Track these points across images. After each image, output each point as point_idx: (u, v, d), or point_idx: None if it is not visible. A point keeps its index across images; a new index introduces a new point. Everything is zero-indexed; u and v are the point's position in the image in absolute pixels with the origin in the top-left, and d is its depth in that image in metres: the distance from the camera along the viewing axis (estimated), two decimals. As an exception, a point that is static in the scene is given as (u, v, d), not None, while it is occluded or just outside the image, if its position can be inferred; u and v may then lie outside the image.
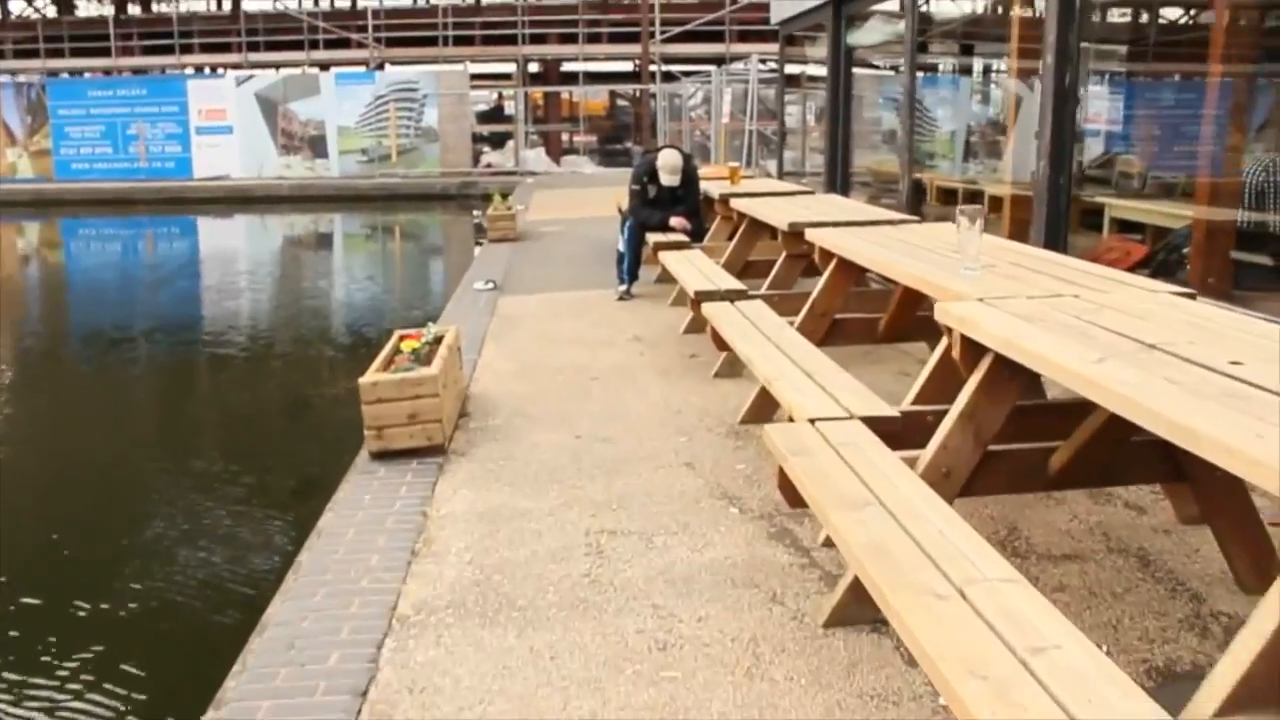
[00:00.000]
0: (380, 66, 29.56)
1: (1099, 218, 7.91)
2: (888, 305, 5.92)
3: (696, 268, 7.04)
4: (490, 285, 9.82)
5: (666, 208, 8.97)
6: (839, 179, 11.04)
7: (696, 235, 8.93)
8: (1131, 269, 6.26)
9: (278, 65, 29.14)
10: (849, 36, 10.73)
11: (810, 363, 4.31)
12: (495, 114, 35.47)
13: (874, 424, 3.53)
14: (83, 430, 8.76)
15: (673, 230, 8.88)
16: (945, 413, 3.59)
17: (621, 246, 9.19)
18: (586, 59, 31.42)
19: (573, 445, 5.21)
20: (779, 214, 6.53)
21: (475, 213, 20.67)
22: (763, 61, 15.82)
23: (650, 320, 8.21)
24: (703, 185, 9.19)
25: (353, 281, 15.39)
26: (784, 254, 6.35)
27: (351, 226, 24.16)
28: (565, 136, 34.08)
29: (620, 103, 40.14)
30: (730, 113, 17.62)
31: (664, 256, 7.59)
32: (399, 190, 25.58)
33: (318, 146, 27.02)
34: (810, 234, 5.46)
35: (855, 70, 10.89)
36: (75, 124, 27.24)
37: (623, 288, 9.12)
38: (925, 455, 3.34)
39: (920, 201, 9.01)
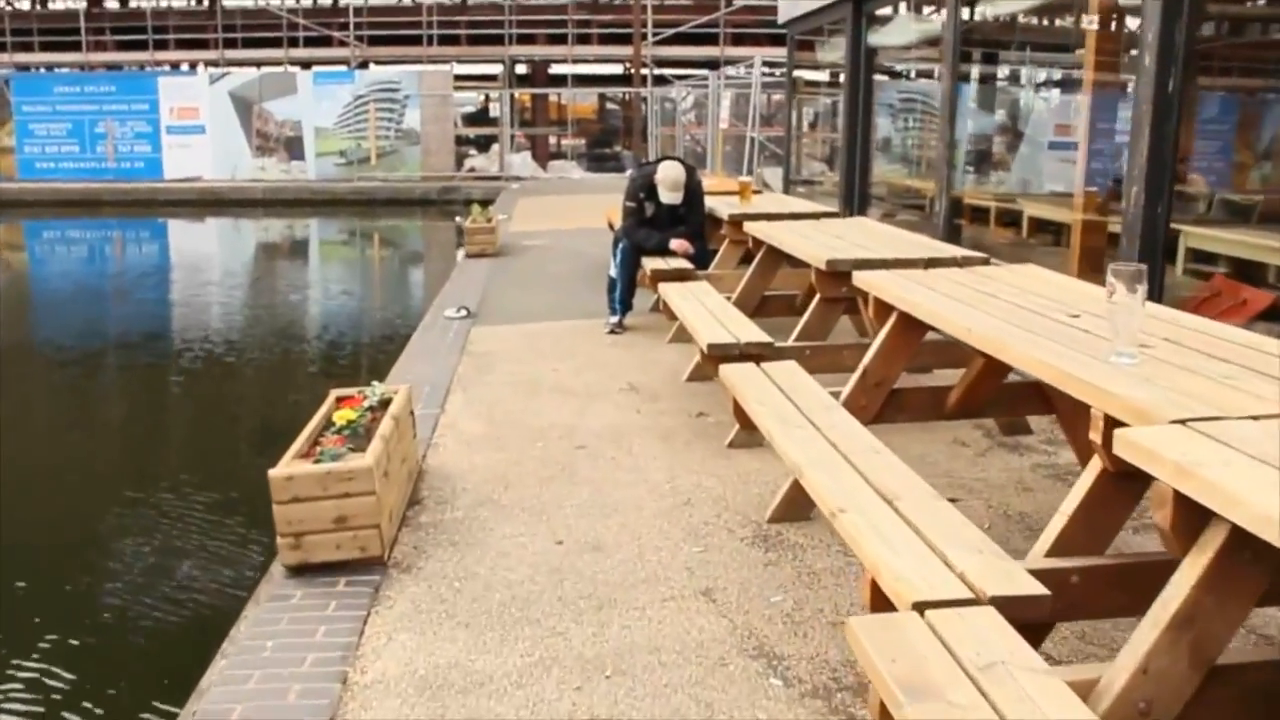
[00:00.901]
0: (364, 65, 28.25)
1: (1171, 249, 6.69)
2: (944, 358, 4.69)
3: (704, 306, 5.78)
4: (463, 313, 8.54)
5: (666, 228, 7.71)
6: (856, 195, 9.79)
7: (700, 261, 7.67)
8: (1248, 323, 5.03)
9: (256, 64, 27.76)
10: (871, 36, 9.48)
11: (886, 477, 3.05)
12: (482, 116, 34.14)
13: (1011, 608, 2.28)
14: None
15: (673, 255, 7.63)
16: (1094, 570, 2.52)
17: (613, 271, 7.93)
18: (576, 60, 30.15)
19: (552, 557, 3.94)
20: (810, 246, 5.26)
21: (457, 219, 19.40)
22: (767, 65, 14.57)
23: (647, 362, 6.95)
24: (708, 203, 7.92)
25: (321, 299, 13.71)
26: (817, 297, 5.09)
27: (326, 233, 22.82)
28: (553, 140, 32.79)
29: (610, 106, 38.87)
30: (728, 118, 16.38)
31: (664, 290, 6.33)
32: (378, 195, 24.27)
33: (294, 148, 25.69)
34: (861, 279, 4.20)
35: (877, 75, 9.65)
36: (40, 121, 25.85)
37: (614, 319, 7.86)
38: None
39: (956, 223, 7.75)
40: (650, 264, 7.44)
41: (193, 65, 28.74)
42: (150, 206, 24.18)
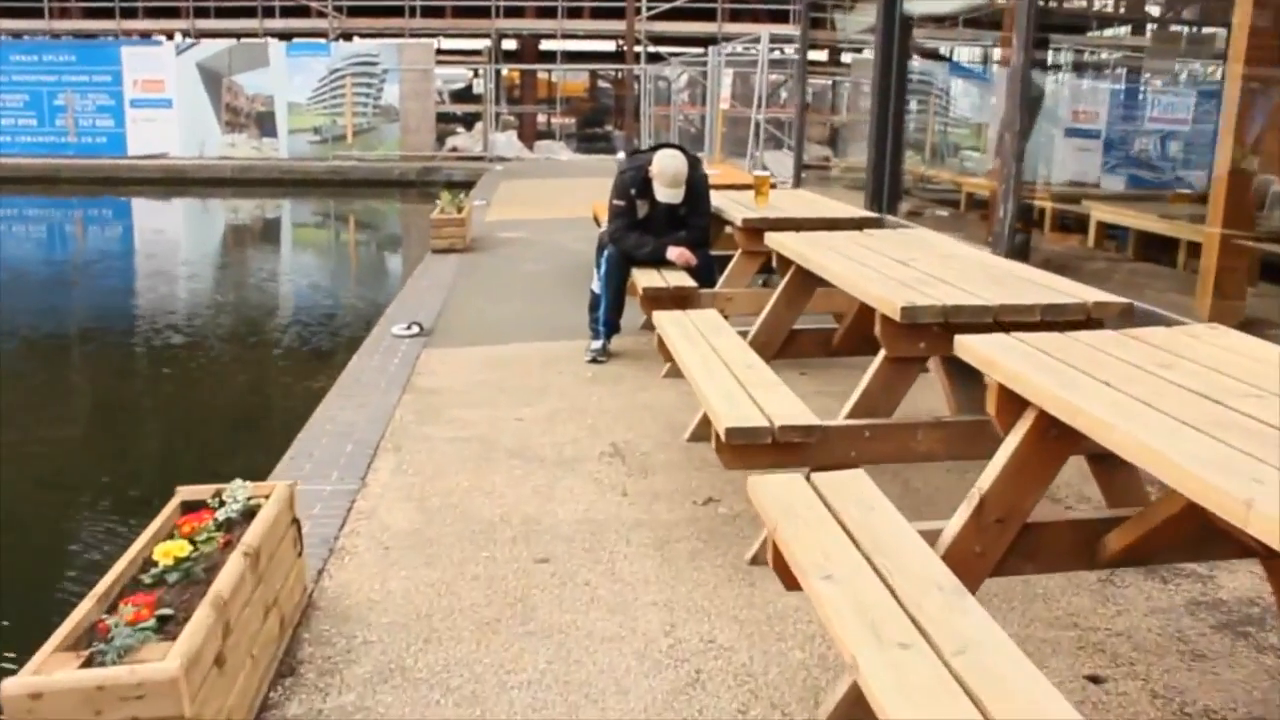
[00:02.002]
0: (348, 38, 26.48)
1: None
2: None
3: (715, 352, 4.24)
4: (414, 330, 6.97)
5: (662, 233, 6.17)
6: (885, 191, 8.23)
7: (705, 274, 6.13)
8: None
9: (229, 35, 25.97)
10: (910, 3, 7.91)
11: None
12: (470, 92, 32.43)
13: None
14: None
15: (671, 266, 6.08)
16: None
17: (597, 285, 6.37)
18: (566, 35, 28.42)
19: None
20: (870, 281, 3.70)
21: (437, 203, 17.67)
22: (773, 42, 12.96)
23: (637, 405, 5.40)
24: (714, 200, 6.36)
25: (268, 303, 11.69)
26: (881, 356, 3.53)
27: (295, 217, 21.14)
28: (541, 119, 31.09)
29: (601, 84, 37.16)
30: (729, 98, 14.78)
31: (662, 323, 4.77)
32: (353, 175, 22.57)
33: (265, 124, 23.96)
34: (975, 351, 2.66)
35: (917, 51, 8.08)
36: (-4, 92, 24.08)
37: (597, 345, 6.31)
38: None
39: (1025, 233, 6.20)
40: (642, 278, 5.89)
41: (171, 36, 26.87)
42: (111, 185, 22.46)
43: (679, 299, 5.64)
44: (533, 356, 6.44)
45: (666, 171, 5.91)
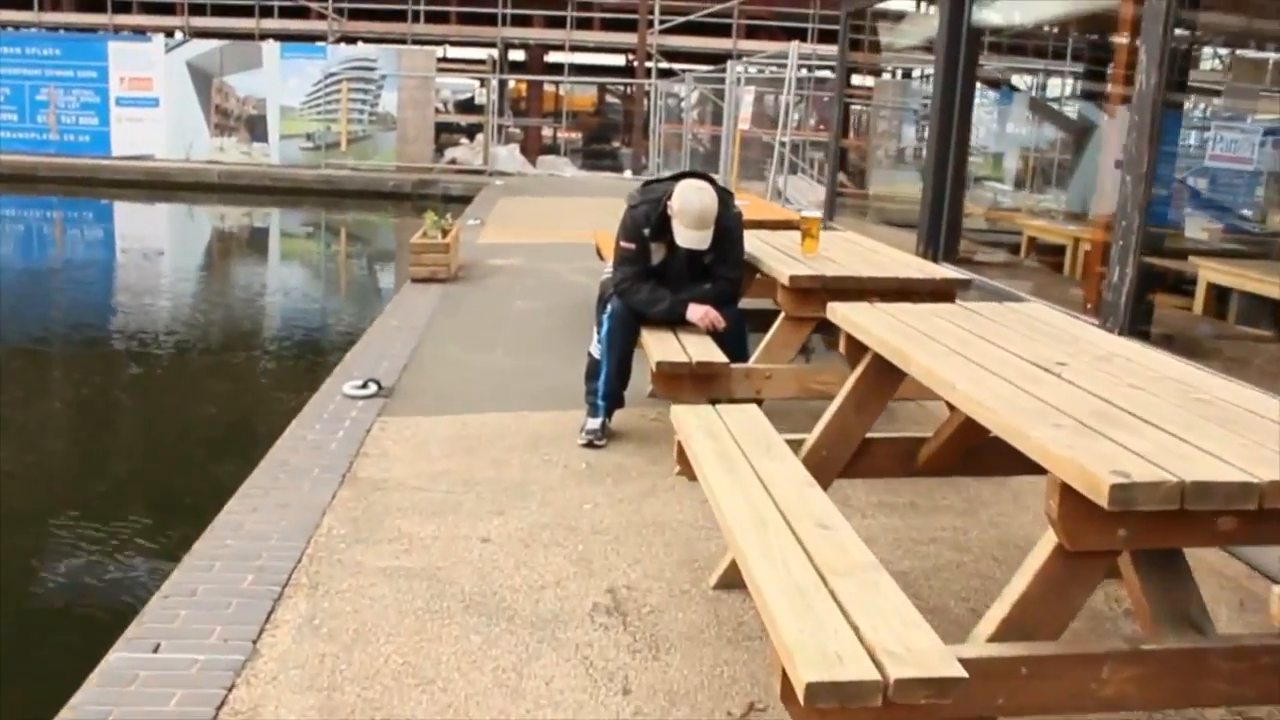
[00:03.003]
0: (351, 41, 25.10)
1: None
2: None
3: (763, 484, 2.88)
4: (370, 389, 5.60)
5: (681, 285, 4.82)
6: (943, 234, 6.89)
7: (735, 341, 4.78)
8: None
9: (224, 35, 24.63)
10: (980, 11, 6.58)
11: None
12: (472, 104, 31.13)
13: None
14: None
15: (692, 329, 4.73)
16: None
17: (597, 349, 5.01)
18: (574, 47, 27.11)
19: None
20: (1022, 411, 2.34)
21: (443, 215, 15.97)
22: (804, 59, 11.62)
23: (644, 522, 4.04)
24: (747, 244, 4.99)
25: (223, 340, 9.79)
26: (1053, 546, 2.15)
27: (279, 230, 19.68)
28: (546, 133, 29.78)
29: (609, 100, 35.90)
30: (748, 117, 13.46)
31: (684, 422, 3.41)
32: (346, 185, 21.21)
33: (256, 128, 22.63)
34: None
35: (983, 66, 6.75)
36: (-24, 85, 22.75)
37: (595, 424, 4.94)
38: None
39: (1149, 304, 4.83)
40: (655, 345, 4.53)
41: (170, 33, 25.44)
42: (91, 186, 21.10)
43: (703, 378, 4.29)
44: (513, 433, 5.07)
45: (691, 209, 4.55)
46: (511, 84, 28.81)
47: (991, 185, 8.68)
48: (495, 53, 26.17)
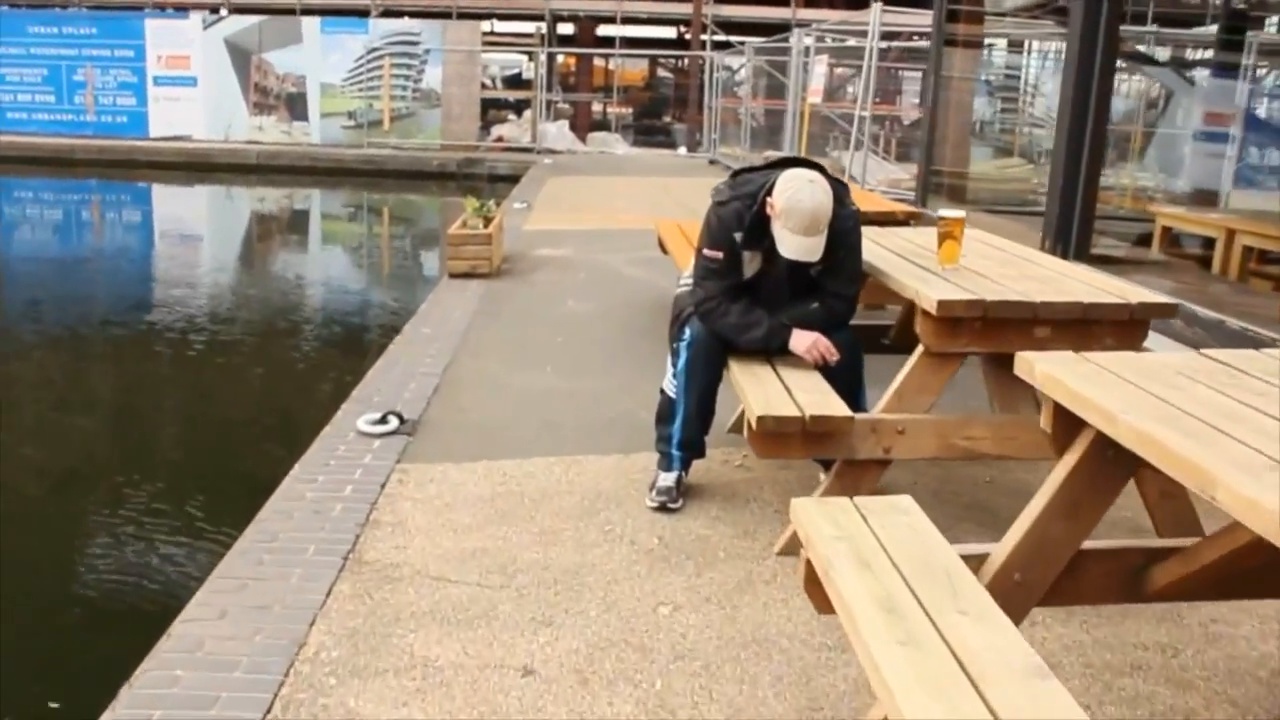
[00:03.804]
0: (396, 15, 23.99)
1: None
2: None
3: (949, 649, 1.79)
4: (391, 425, 4.56)
5: (779, 302, 3.71)
6: (1075, 227, 5.70)
7: (851, 376, 3.68)
8: None
9: (264, 10, 23.65)
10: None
11: None
12: (519, 79, 30.03)
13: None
14: None
15: (795, 361, 3.63)
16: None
17: (671, 385, 3.91)
18: (626, 19, 25.88)
19: None
20: None
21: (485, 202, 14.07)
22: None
23: (746, 647, 2.95)
24: (868, 255, 3.85)
25: (248, 340, 8.67)
26: None
27: (319, 212, 18.77)
28: (597, 108, 28.60)
29: (661, 73, 34.63)
30: (819, 90, 12.24)
31: (809, 526, 2.32)
32: (388, 165, 20.24)
33: (296, 106, 21.70)
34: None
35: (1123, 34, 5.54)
36: (12, 65, 22.00)
37: (668, 480, 3.85)
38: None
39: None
40: (751, 389, 3.43)
41: (215, 10, 24.48)
42: (128, 168, 20.29)
43: (817, 436, 3.18)
44: (565, 488, 4.00)
45: (801, 209, 3.42)
46: (560, 58, 27.68)
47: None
48: (544, 26, 25.05)
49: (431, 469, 4.16)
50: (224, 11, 23.16)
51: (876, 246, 4.03)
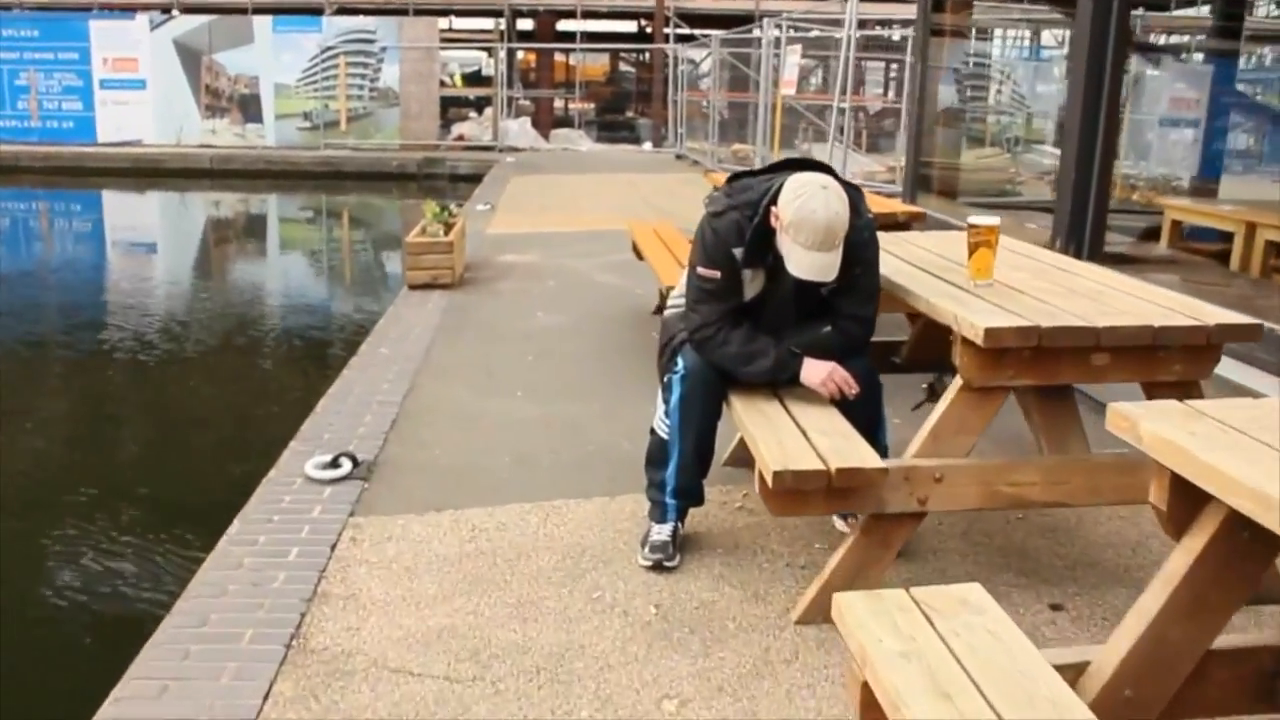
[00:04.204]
0: (351, 13, 23.19)
1: None
2: None
3: None
4: (343, 469, 4.01)
5: (785, 325, 3.20)
6: (1089, 222, 5.24)
7: (872, 413, 3.19)
8: None
9: (215, 10, 22.83)
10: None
11: None
12: (479, 76, 29.35)
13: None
14: None
15: (806, 395, 3.12)
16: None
17: (663, 425, 3.36)
18: (586, 13, 25.28)
19: None
20: None
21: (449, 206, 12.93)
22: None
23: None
24: (884, 270, 3.33)
25: (185, 372, 7.75)
26: None
27: (272, 219, 18.04)
28: (559, 104, 27.98)
29: (623, 68, 34.07)
30: (793, 81, 11.74)
31: (858, 631, 1.81)
32: (346, 166, 19.57)
33: (250, 108, 20.98)
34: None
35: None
36: (-48, 70, 21.14)
37: (663, 533, 3.33)
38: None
39: None
40: (761, 433, 2.92)
41: (167, 10, 23.58)
42: (76, 175, 19.50)
43: (842, 492, 2.68)
44: (544, 543, 3.47)
45: (814, 220, 2.91)
46: (521, 54, 27.04)
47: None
48: (503, 21, 24.41)
49: (390, 523, 3.62)
50: (175, 11, 22.32)
51: (890, 257, 3.52)
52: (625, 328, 6.39)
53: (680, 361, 3.26)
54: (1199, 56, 7.18)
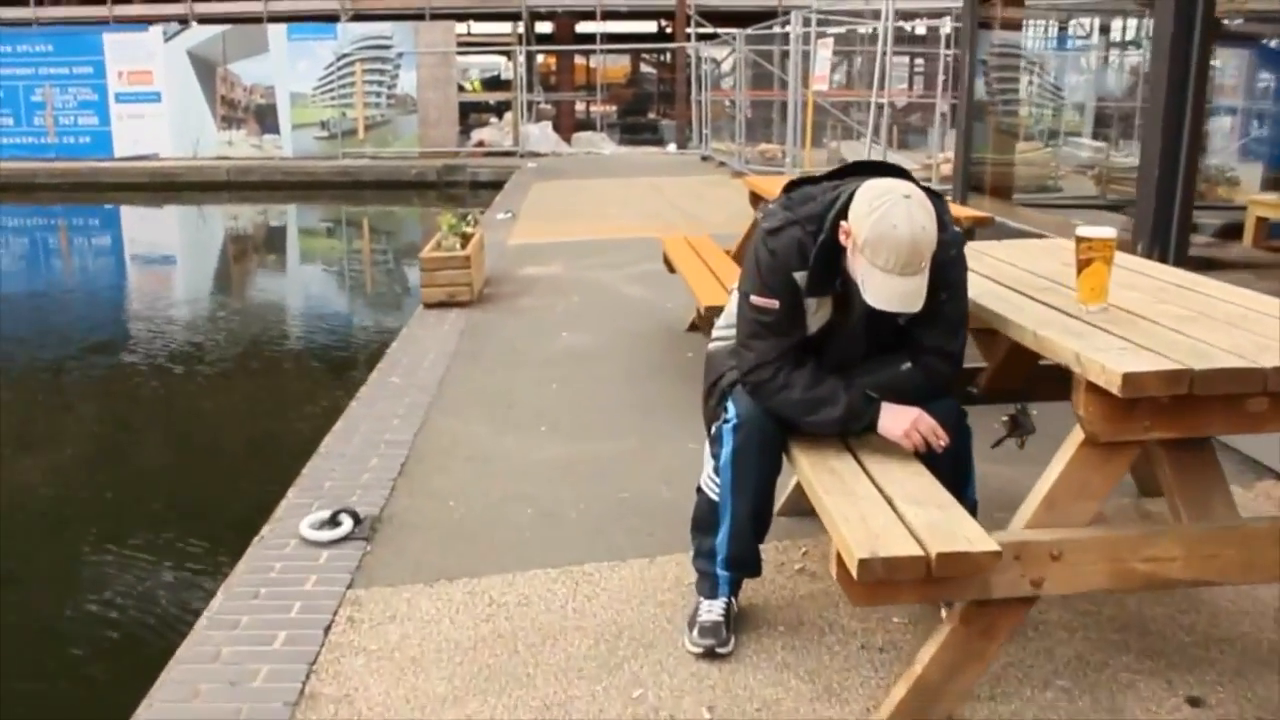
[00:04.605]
0: (366, 19, 22.76)
1: None
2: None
3: None
4: (343, 528, 3.49)
5: (854, 359, 2.66)
6: (1175, 223, 4.67)
7: (958, 466, 2.64)
8: None
9: (231, 20, 22.45)
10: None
11: None
12: (498, 81, 28.90)
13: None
14: None
15: (886, 448, 2.57)
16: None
17: (712, 484, 2.81)
18: (606, 14, 24.75)
19: None
20: None
21: (466, 216, 11.79)
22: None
23: None
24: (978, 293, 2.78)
25: (171, 415, 6.91)
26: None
27: (285, 232, 17.57)
28: (580, 107, 27.47)
29: (643, 69, 33.53)
30: (825, 77, 11.17)
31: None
32: (365, 176, 19.16)
33: (266, 119, 20.59)
34: None
35: None
36: (-32, 87, 20.86)
37: (715, 611, 2.79)
38: None
39: None
40: (828, 496, 2.37)
41: (184, 21, 23.20)
42: (94, 191, 19.15)
43: (942, 580, 2.13)
44: (570, 625, 2.94)
45: (898, 238, 2.36)
46: (540, 58, 26.55)
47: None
48: (520, 25, 23.92)
49: (394, 596, 3.10)
50: (191, 22, 21.95)
51: (970, 274, 2.97)
52: (657, 347, 5.86)
53: (731, 408, 2.72)
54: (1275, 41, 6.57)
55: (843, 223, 2.49)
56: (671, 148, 22.16)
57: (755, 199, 6.07)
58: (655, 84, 32.11)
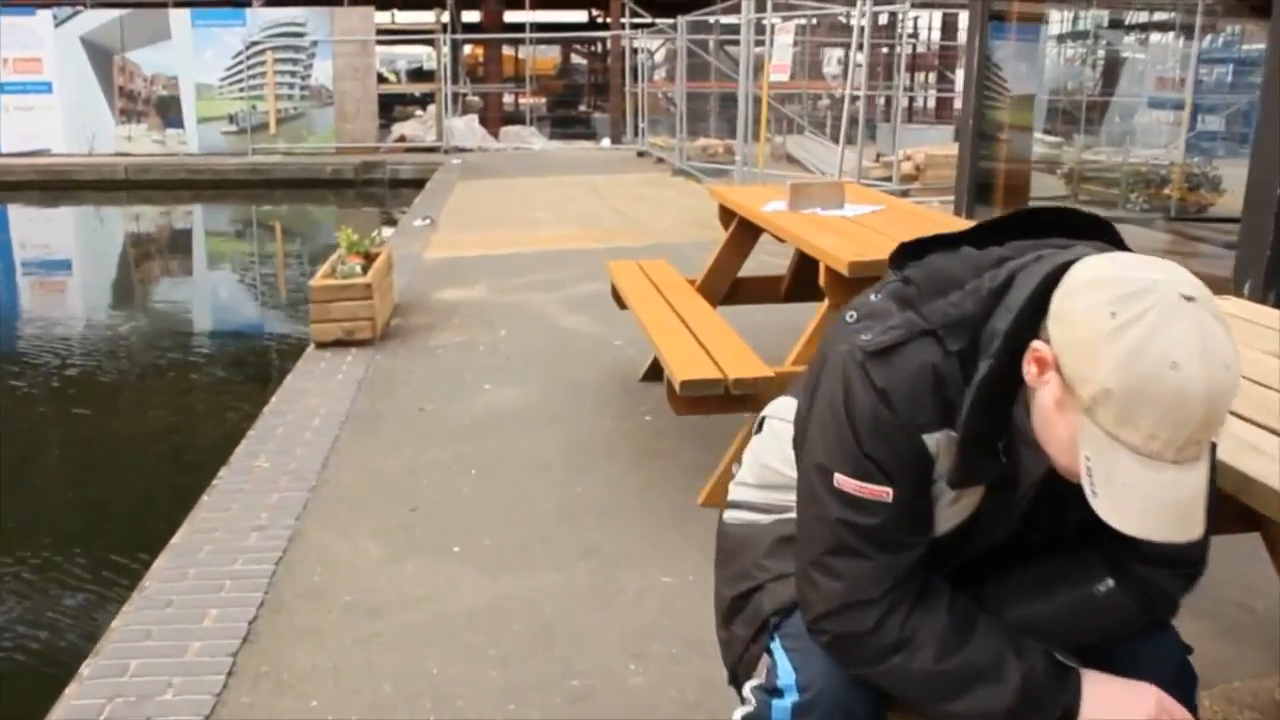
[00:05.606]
0: (279, 4, 21.06)
1: None
2: None
3: None
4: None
5: (981, 548, 1.37)
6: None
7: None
8: None
9: (131, 4, 20.58)
10: None
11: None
12: (422, 72, 27.28)
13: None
14: None
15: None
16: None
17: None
18: (535, 2, 23.27)
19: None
20: None
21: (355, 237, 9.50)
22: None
23: None
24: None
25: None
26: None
27: (179, 240, 15.86)
28: (508, 99, 25.97)
29: (574, 60, 32.14)
30: (786, 67, 9.93)
31: None
32: (276, 173, 17.53)
33: (169, 111, 18.81)
34: None
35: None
36: None
37: None
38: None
39: None
40: None
41: (75, 3, 21.28)
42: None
43: None
44: None
45: (1180, 392, 1.11)
46: (467, 48, 25.00)
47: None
48: (445, 13, 22.36)
49: None
50: (87, 6, 20.04)
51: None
52: (605, 406, 4.56)
53: (786, 667, 1.44)
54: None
55: (1035, 343, 1.21)
56: (605, 142, 20.84)
57: (728, 216, 4.77)
58: (587, 75, 30.76)
